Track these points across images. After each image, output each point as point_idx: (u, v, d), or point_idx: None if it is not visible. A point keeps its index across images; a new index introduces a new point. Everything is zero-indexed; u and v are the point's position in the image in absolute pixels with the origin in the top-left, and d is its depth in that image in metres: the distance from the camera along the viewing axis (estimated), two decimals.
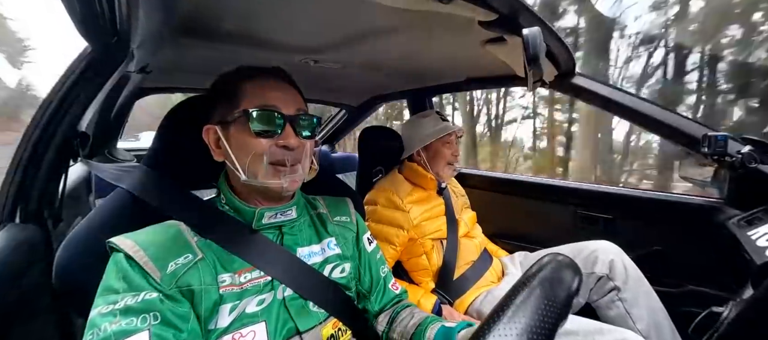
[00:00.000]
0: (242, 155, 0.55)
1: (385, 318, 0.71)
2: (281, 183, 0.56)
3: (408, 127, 1.25)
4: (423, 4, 0.58)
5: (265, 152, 0.55)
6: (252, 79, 0.58)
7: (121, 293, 0.44)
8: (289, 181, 0.56)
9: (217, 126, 0.57)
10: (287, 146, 0.56)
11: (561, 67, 0.99)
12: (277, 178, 0.56)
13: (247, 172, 0.55)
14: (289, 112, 0.57)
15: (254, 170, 0.55)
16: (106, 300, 0.44)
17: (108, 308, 0.43)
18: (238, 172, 0.55)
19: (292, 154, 0.56)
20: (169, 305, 0.46)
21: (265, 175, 0.55)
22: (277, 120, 0.55)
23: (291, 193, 0.61)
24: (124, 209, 0.60)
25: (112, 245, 0.49)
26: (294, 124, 0.57)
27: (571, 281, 0.37)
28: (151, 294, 0.45)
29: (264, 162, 0.55)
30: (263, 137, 0.55)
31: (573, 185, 1.41)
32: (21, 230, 0.63)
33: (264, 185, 0.56)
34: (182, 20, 0.71)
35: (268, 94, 0.57)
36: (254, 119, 0.54)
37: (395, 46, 0.92)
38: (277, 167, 0.56)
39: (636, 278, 0.96)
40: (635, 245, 1.13)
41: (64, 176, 0.74)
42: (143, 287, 0.45)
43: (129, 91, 1.19)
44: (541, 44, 0.59)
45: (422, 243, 1.09)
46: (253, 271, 0.56)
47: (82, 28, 0.53)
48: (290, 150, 0.56)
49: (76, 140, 0.71)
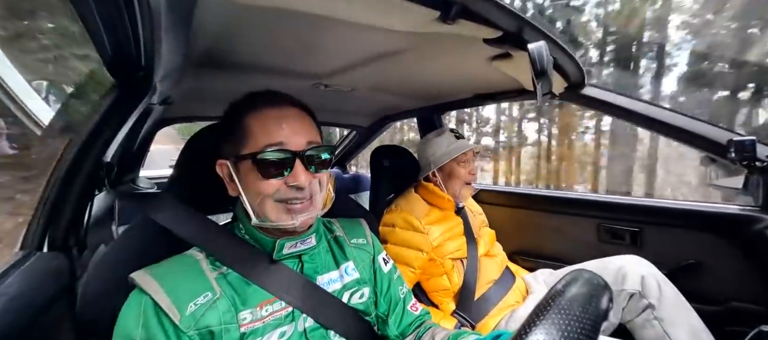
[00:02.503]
0: (252, 196, 0.54)
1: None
2: (293, 223, 0.53)
3: (422, 147, 1.24)
4: (428, 26, 0.59)
5: (274, 192, 0.53)
6: (257, 113, 0.54)
7: None
8: (301, 220, 0.54)
9: (228, 161, 0.56)
10: (298, 186, 0.53)
11: (570, 78, 0.99)
12: (289, 218, 0.53)
13: (256, 213, 0.54)
14: (298, 146, 0.53)
15: (264, 210, 0.53)
16: None
17: None
18: (250, 213, 0.54)
19: (303, 192, 0.54)
20: None
21: (275, 215, 0.53)
22: (285, 158, 0.52)
23: (305, 229, 0.59)
24: (147, 237, 0.61)
25: (134, 283, 0.49)
26: (303, 159, 0.53)
27: (600, 299, 0.35)
28: None
29: (275, 202, 0.53)
30: (272, 178, 0.52)
31: (595, 198, 1.36)
32: (50, 259, 0.65)
33: (275, 226, 0.54)
34: (200, 53, 0.75)
35: (274, 130, 0.53)
36: (262, 162, 0.51)
37: (403, 66, 0.94)
38: (288, 206, 0.54)
39: (672, 295, 0.90)
40: (666, 259, 1.06)
41: (90, 205, 0.77)
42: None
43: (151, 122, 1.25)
44: (547, 58, 0.60)
45: (442, 263, 1.06)
46: (274, 303, 0.54)
47: (110, 66, 0.57)
48: (301, 189, 0.53)
49: (103, 170, 0.75)
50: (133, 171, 1.47)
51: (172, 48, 0.56)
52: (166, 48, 0.52)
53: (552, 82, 0.66)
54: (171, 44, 0.53)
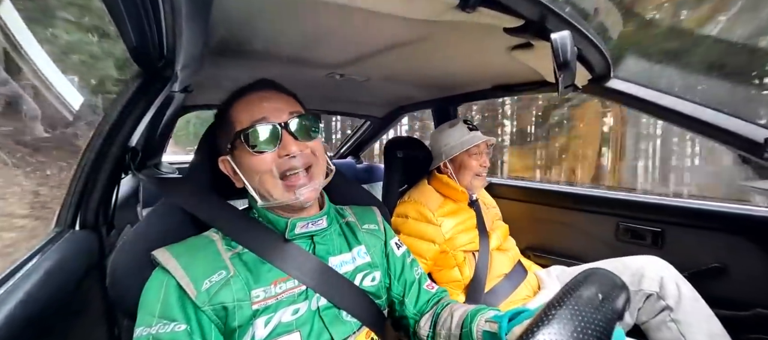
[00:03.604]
0: (252, 178, 0.57)
1: (427, 322, 0.69)
2: (297, 198, 0.56)
3: (435, 138, 1.23)
4: (447, 14, 0.58)
5: (271, 168, 0.55)
6: (239, 99, 0.59)
7: (156, 317, 0.48)
8: (304, 195, 0.56)
9: (228, 156, 0.60)
10: (290, 154, 0.55)
11: (595, 70, 0.94)
12: (292, 193, 0.56)
13: (261, 194, 0.57)
14: (281, 119, 0.57)
15: (267, 189, 0.56)
16: (144, 320, 0.48)
17: (145, 332, 0.47)
18: (255, 196, 0.57)
19: (298, 160, 0.56)
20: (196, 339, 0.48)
21: (278, 192, 0.56)
22: (271, 131, 0.55)
23: (311, 203, 0.61)
24: (168, 218, 0.64)
25: (155, 261, 0.53)
26: (288, 129, 0.56)
27: (616, 298, 0.34)
28: (179, 326, 0.48)
29: (273, 178, 0.55)
30: (264, 153, 0.55)
31: (614, 195, 1.31)
32: (81, 236, 0.69)
33: (281, 204, 0.57)
34: (219, 42, 0.77)
35: (256, 109, 0.57)
36: (249, 137, 0.54)
37: (419, 56, 0.93)
38: (289, 181, 0.56)
39: (691, 298, 0.87)
40: (688, 261, 1.02)
41: (117, 188, 0.81)
42: (175, 316, 0.48)
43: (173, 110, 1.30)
44: (571, 49, 0.57)
45: (454, 255, 1.06)
46: (287, 281, 0.57)
47: (134, 54, 0.59)
48: (294, 157, 0.56)
49: (128, 155, 0.78)
50: (156, 156, 1.53)
51: (192, 37, 0.57)
52: (186, 37, 0.53)
53: (575, 75, 0.63)
54: (191, 33, 0.55)
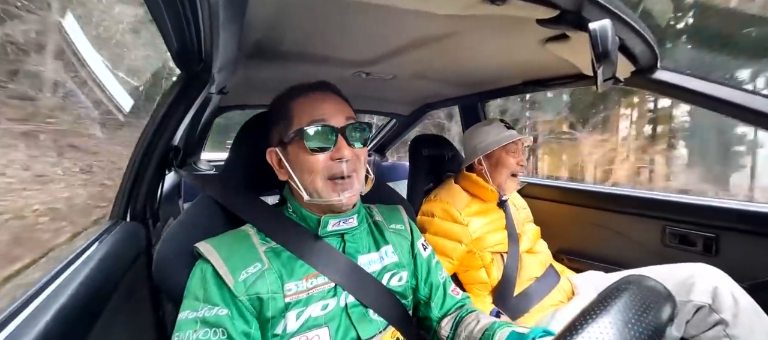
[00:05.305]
0: (302, 174, 0.59)
1: (449, 323, 0.69)
2: (340, 199, 0.58)
3: (469, 136, 1.19)
4: (475, 8, 0.56)
5: (322, 168, 0.58)
6: (300, 97, 0.62)
7: (201, 302, 0.52)
8: (347, 196, 0.59)
9: (277, 148, 0.63)
10: (342, 158, 0.58)
11: (639, 61, 0.87)
12: (336, 193, 0.58)
13: (308, 191, 0.59)
14: (339, 123, 0.59)
15: (315, 187, 0.59)
16: (190, 305, 0.52)
17: (192, 315, 0.51)
18: (301, 191, 0.59)
19: (347, 165, 0.59)
20: (238, 323, 0.51)
21: (326, 192, 0.59)
22: (329, 134, 0.58)
23: (350, 206, 0.63)
24: (207, 212, 0.68)
25: (198, 252, 0.57)
26: (345, 134, 0.59)
27: (661, 308, 0.31)
28: (222, 311, 0.51)
29: (322, 178, 0.58)
30: (319, 153, 0.58)
31: (661, 196, 1.20)
32: (131, 227, 0.76)
33: (324, 202, 0.59)
34: (252, 45, 0.80)
35: (317, 109, 0.60)
36: (308, 136, 0.57)
37: (446, 52, 0.91)
38: (335, 182, 0.59)
39: (751, 312, 0.78)
40: (748, 271, 0.92)
41: (161, 183, 0.88)
42: (217, 302, 0.52)
43: (210, 110, 1.38)
44: (612, 39, 0.53)
45: (481, 256, 1.04)
46: (318, 277, 0.59)
47: (177, 58, 0.64)
48: (346, 161, 0.58)
49: (171, 153, 0.84)
50: (195, 154, 1.64)
51: (228, 41, 0.61)
52: (222, 41, 0.57)
53: (616, 66, 0.59)
54: (227, 37, 0.58)
